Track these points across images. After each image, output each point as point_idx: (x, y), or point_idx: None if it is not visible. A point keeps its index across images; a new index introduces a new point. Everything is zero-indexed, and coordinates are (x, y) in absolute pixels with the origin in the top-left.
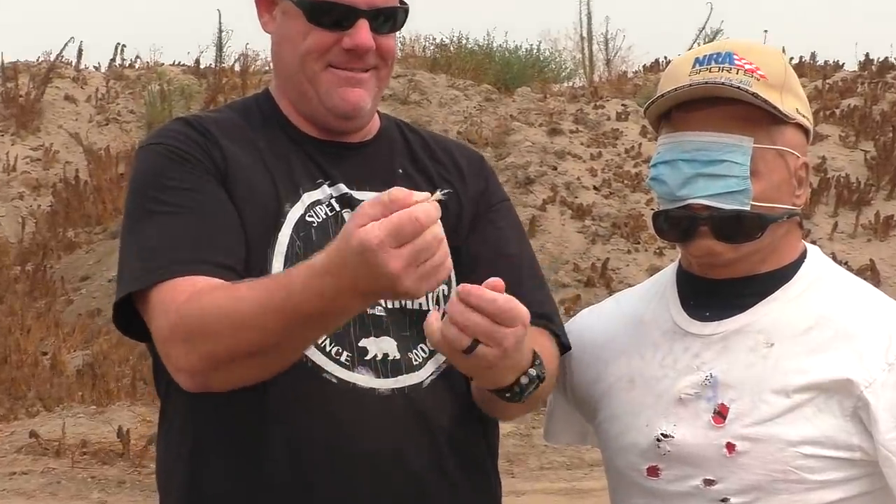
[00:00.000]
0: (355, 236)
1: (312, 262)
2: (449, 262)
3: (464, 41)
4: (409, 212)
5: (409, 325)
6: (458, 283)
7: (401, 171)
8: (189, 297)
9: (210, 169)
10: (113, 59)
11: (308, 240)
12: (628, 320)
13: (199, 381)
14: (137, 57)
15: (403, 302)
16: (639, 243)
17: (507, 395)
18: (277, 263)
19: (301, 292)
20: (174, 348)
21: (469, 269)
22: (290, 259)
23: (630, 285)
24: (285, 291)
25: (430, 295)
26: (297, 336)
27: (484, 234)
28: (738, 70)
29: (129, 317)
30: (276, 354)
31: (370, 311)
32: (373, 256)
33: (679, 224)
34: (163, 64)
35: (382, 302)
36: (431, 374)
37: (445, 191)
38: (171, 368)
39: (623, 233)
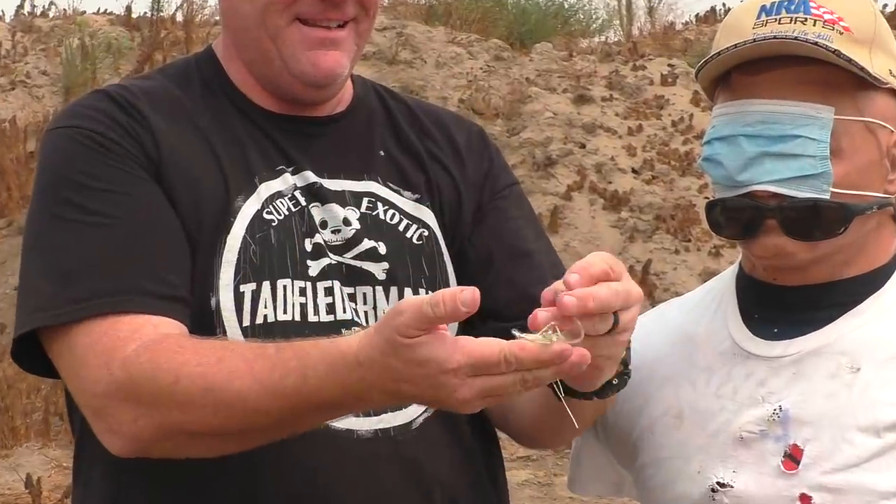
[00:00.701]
0: (422, 352)
1: (338, 345)
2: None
3: None
4: (510, 350)
5: None
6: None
7: (383, 152)
8: (140, 350)
9: (140, 160)
10: (20, 7)
11: (266, 243)
12: (675, 339)
13: (137, 448)
14: (52, 3)
15: None
16: (689, 241)
17: (614, 384)
18: (226, 275)
19: (321, 380)
20: (116, 409)
21: (479, 271)
22: (243, 269)
23: (678, 294)
24: (299, 376)
25: None
26: (302, 422)
27: (493, 228)
28: (815, 21)
29: (32, 347)
30: (264, 435)
31: (347, 333)
32: (442, 377)
33: (740, 217)
34: (84, 12)
35: (360, 316)
36: (423, 412)
37: (575, 342)
38: (100, 427)
39: (669, 228)
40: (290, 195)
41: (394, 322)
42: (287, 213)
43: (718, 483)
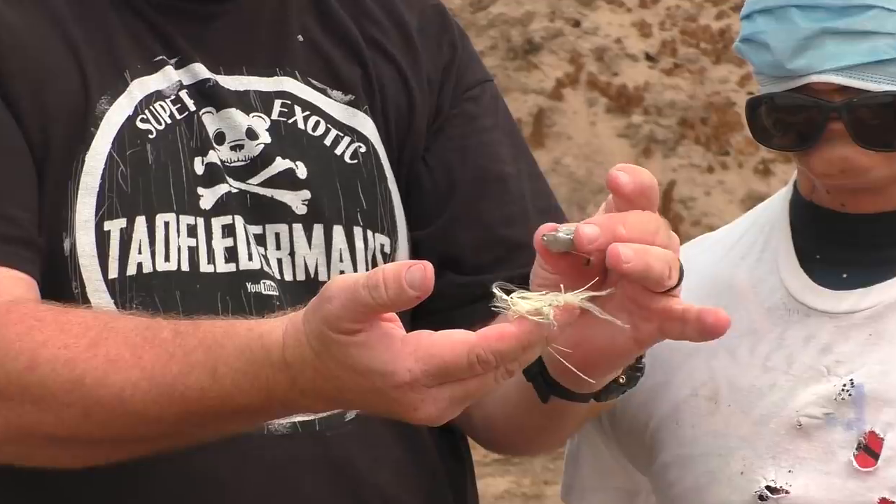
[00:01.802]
0: (361, 358)
1: (261, 336)
2: None
3: None
4: (484, 347)
5: None
6: (418, 229)
7: (302, 37)
8: None
9: None
10: None
11: (140, 163)
12: (708, 290)
13: None
14: None
15: (311, 271)
16: (726, 154)
17: (621, 383)
18: (84, 208)
19: (237, 381)
20: None
21: (436, 203)
22: (108, 199)
23: (711, 228)
24: (206, 374)
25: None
26: (206, 431)
27: (457, 142)
28: None
29: None
30: (153, 445)
31: (254, 289)
32: (395, 393)
33: (794, 119)
34: None
35: (271, 266)
36: None
37: (582, 294)
38: None
39: (699, 136)
40: (173, 97)
41: (321, 311)
42: (169, 121)
43: (768, 487)
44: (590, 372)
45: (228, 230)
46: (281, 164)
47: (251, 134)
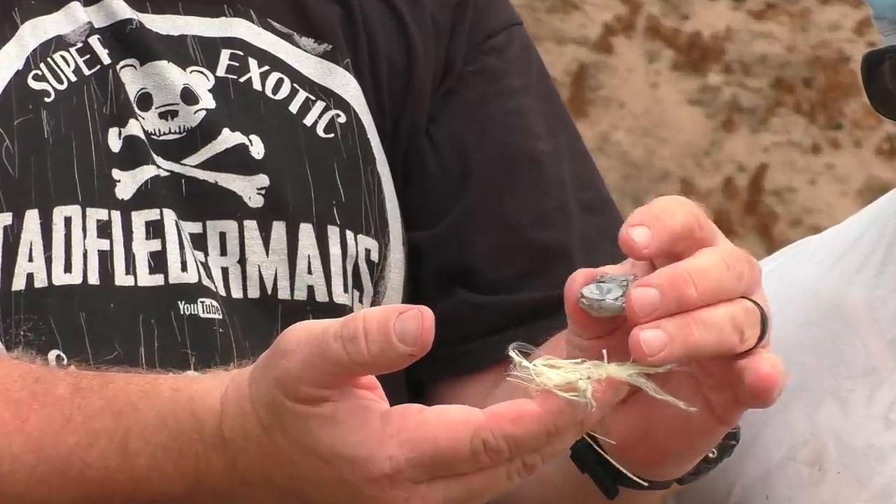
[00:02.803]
0: (325, 438)
1: (192, 401)
2: None
3: None
4: (494, 430)
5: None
6: (420, 229)
7: None
8: None
9: None
10: None
11: (32, 137)
12: (809, 314)
13: None
14: None
15: (268, 286)
16: (839, 128)
17: (710, 458)
18: None
19: (155, 459)
20: None
21: (444, 192)
22: None
23: (817, 229)
24: (114, 447)
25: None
26: None
27: (473, 113)
28: None
29: None
30: None
31: (188, 310)
32: (370, 488)
33: None
34: None
35: (213, 280)
36: None
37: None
38: None
39: (801, 103)
40: (80, 44)
41: (275, 369)
42: (74, 78)
43: None
44: (666, 461)
45: (155, 229)
46: (229, 138)
47: (188, 96)
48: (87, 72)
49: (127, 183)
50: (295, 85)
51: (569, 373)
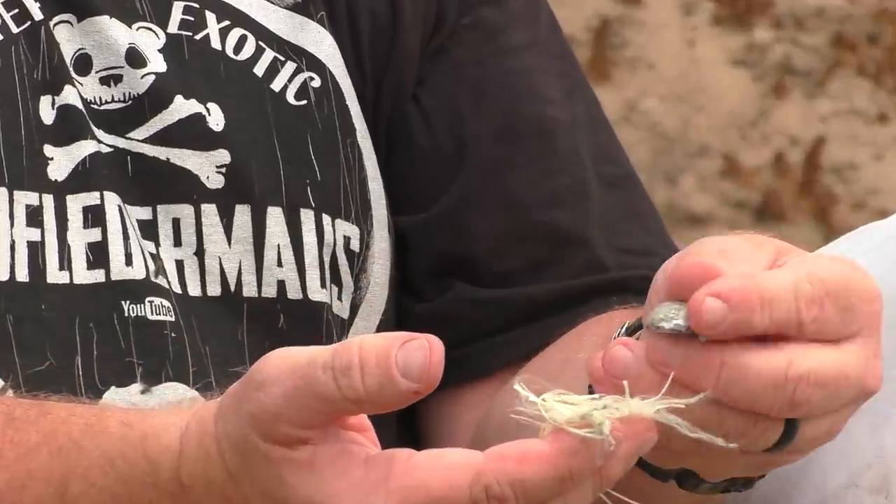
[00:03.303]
0: (304, 485)
1: (145, 439)
2: None
3: None
4: (495, 472)
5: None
6: (409, 212)
7: None
8: None
9: None
10: None
11: None
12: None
13: None
14: None
15: (230, 281)
16: None
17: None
18: None
19: None
20: None
21: (435, 169)
22: None
23: (885, 213)
24: (53, 492)
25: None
26: None
27: (470, 74)
28: None
29: None
30: None
31: (135, 311)
32: None
33: None
34: None
35: (167, 276)
36: None
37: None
38: None
39: (865, 65)
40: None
41: (249, 403)
42: (0, 37)
43: None
44: (711, 475)
45: (94, 216)
46: (183, 106)
47: (135, 58)
48: (14, 29)
49: (61, 161)
50: (260, 43)
51: (582, 406)
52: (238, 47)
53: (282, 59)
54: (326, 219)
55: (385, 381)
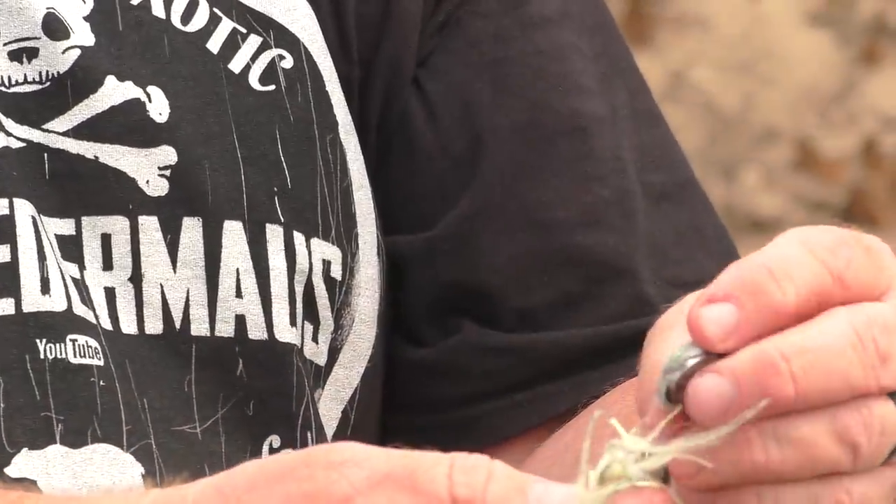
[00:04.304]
0: None
1: None
2: None
3: None
4: None
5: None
6: (407, 230)
7: None
8: None
9: None
10: None
11: None
12: None
13: None
14: None
15: (175, 316)
16: None
17: None
18: None
19: None
20: None
21: (443, 180)
22: None
23: None
24: None
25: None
26: None
27: (484, 56)
28: None
29: None
30: None
31: (53, 352)
32: None
33: None
34: None
35: (92, 303)
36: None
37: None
38: None
39: None
40: None
41: (305, 483)
42: None
43: None
44: None
45: (1, 229)
46: (116, 90)
47: (54, 27)
48: None
49: None
50: (216, 10)
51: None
52: (187, 15)
53: (243, 30)
54: (299, 237)
55: (514, 493)
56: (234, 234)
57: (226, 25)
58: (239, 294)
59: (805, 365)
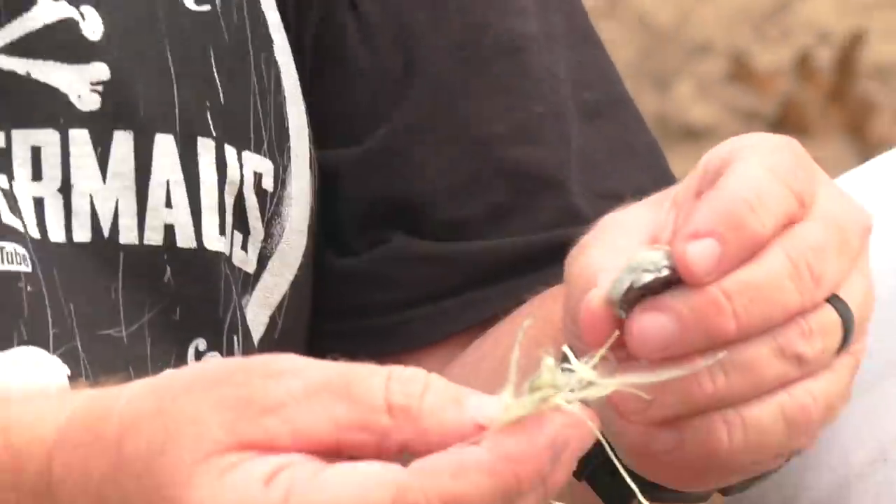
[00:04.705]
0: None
1: (8, 437)
2: None
3: None
4: (422, 489)
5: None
6: (339, 144)
7: None
8: None
9: None
10: None
11: None
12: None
13: None
14: None
15: (104, 225)
16: None
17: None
18: None
19: None
20: None
21: (375, 97)
22: None
23: None
24: None
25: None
26: None
27: None
28: None
29: None
30: None
31: None
32: None
33: None
34: None
35: (22, 216)
36: None
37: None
38: None
39: None
40: None
41: (241, 388)
42: None
43: None
44: (699, 481)
45: None
46: (49, 8)
47: None
48: None
49: None
50: None
51: (521, 403)
52: None
53: None
54: (231, 151)
55: (449, 403)
56: (165, 146)
57: None
58: (169, 204)
59: (746, 302)
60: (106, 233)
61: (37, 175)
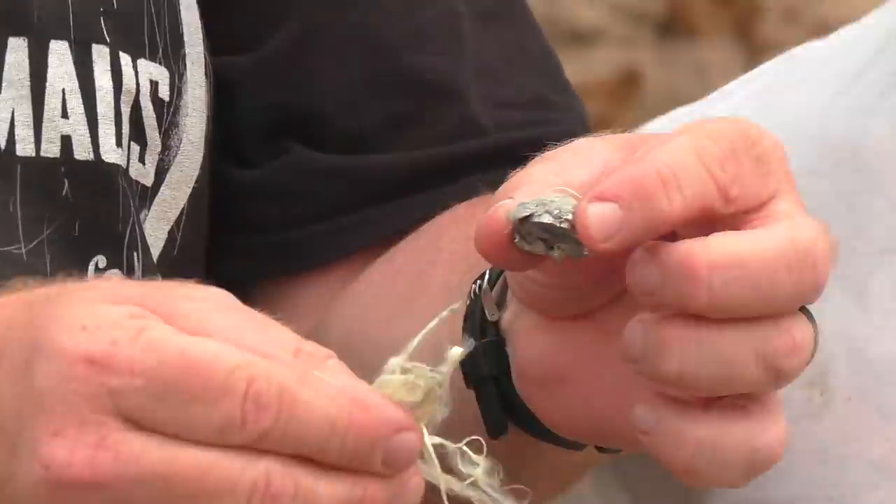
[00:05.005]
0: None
1: None
2: None
3: None
4: (265, 376)
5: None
6: (235, 51)
7: None
8: None
9: None
10: None
11: None
12: (812, 157)
13: None
14: None
15: (3, 140)
16: None
17: None
18: None
19: None
20: None
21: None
22: None
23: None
24: None
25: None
26: None
27: None
28: None
29: None
30: None
31: None
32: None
33: None
34: None
35: None
36: None
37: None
38: None
39: None
40: None
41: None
42: None
43: None
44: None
45: None
46: None
47: None
48: None
49: None
50: None
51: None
52: None
53: None
54: (125, 58)
55: None
56: (59, 54)
57: None
58: (65, 114)
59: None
60: (2, 144)
61: None
